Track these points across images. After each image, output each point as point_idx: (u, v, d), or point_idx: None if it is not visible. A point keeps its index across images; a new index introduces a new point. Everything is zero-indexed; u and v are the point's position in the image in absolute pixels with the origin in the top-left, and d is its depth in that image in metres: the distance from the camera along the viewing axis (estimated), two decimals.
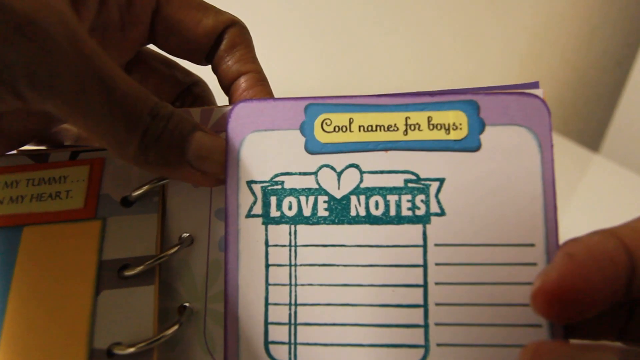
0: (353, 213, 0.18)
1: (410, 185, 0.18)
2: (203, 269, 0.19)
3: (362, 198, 0.18)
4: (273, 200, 0.18)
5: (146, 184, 0.19)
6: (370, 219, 0.18)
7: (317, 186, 0.18)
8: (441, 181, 0.17)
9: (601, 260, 0.14)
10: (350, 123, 0.18)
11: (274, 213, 0.18)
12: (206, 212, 0.19)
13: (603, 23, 0.73)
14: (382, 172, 0.18)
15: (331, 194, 0.18)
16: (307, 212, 0.18)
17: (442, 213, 0.17)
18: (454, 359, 0.17)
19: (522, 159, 0.17)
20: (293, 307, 0.18)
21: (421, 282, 0.17)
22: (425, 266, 0.17)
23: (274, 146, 0.18)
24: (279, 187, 0.18)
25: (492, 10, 0.66)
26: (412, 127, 0.18)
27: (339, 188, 0.18)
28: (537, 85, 0.18)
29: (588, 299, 0.14)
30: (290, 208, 0.18)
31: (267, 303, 0.18)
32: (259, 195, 0.18)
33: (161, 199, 0.20)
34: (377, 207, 0.18)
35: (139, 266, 0.18)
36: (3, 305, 0.18)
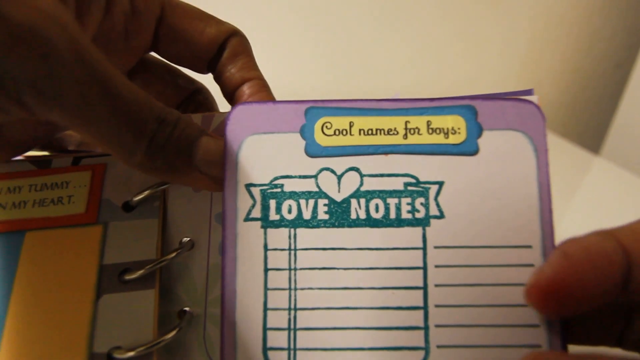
0: (353, 216, 0.18)
1: (410, 188, 0.18)
2: (203, 273, 0.19)
3: (363, 201, 0.18)
4: (272, 203, 0.18)
5: (147, 189, 0.19)
6: (370, 222, 0.18)
7: (317, 189, 0.18)
8: (440, 184, 0.17)
9: (596, 259, 0.14)
10: (350, 127, 0.18)
11: (273, 216, 0.18)
12: (206, 217, 0.19)
13: (603, 25, 0.73)
14: (382, 176, 0.18)
15: (331, 197, 0.18)
16: (307, 216, 0.18)
17: (442, 216, 0.17)
18: None
19: (519, 163, 0.17)
20: (292, 312, 0.17)
21: (421, 285, 0.17)
22: (425, 268, 0.17)
23: (274, 149, 0.18)
24: (279, 190, 0.18)
25: (492, 13, 0.66)
26: (412, 131, 0.18)
27: (339, 191, 0.18)
28: (532, 92, 0.18)
29: (580, 296, 0.14)
30: (290, 211, 0.18)
31: (266, 308, 0.17)
32: (258, 198, 0.18)
33: (162, 204, 0.20)
34: (377, 210, 0.18)
35: (140, 270, 0.18)
36: (4, 309, 0.18)
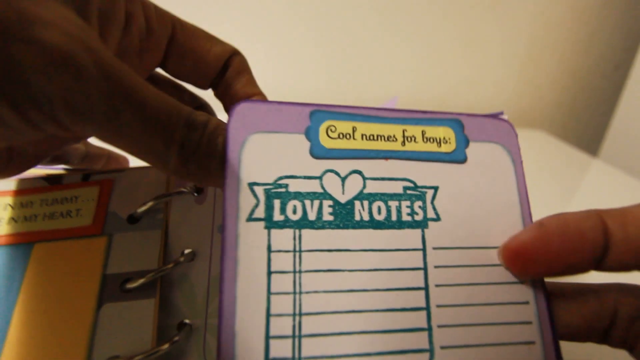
0: (357, 218, 0.18)
1: (408, 192, 0.19)
2: (204, 285, 0.18)
3: (366, 203, 0.18)
4: (276, 203, 0.17)
5: (150, 200, 0.20)
6: (373, 224, 0.18)
7: (322, 190, 0.18)
8: (435, 189, 0.19)
9: (569, 233, 0.16)
10: (353, 131, 0.19)
11: (278, 217, 0.17)
12: (208, 228, 0.19)
13: (601, 27, 0.73)
14: (383, 179, 0.19)
15: (336, 199, 0.18)
16: (313, 216, 0.17)
17: (438, 218, 0.19)
18: None
19: (500, 171, 0.20)
20: (297, 318, 0.16)
21: (422, 285, 0.18)
22: (425, 269, 0.18)
23: (278, 148, 0.18)
24: (283, 190, 0.18)
25: (492, 16, 0.67)
26: (409, 139, 0.19)
27: (343, 193, 0.18)
28: (503, 113, 0.21)
29: (547, 263, 0.16)
30: (294, 212, 0.17)
31: (269, 314, 0.16)
32: (262, 198, 0.17)
33: (165, 215, 0.20)
34: (380, 212, 0.18)
35: (141, 279, 0.18)
36: (9, 316, 0.18)
